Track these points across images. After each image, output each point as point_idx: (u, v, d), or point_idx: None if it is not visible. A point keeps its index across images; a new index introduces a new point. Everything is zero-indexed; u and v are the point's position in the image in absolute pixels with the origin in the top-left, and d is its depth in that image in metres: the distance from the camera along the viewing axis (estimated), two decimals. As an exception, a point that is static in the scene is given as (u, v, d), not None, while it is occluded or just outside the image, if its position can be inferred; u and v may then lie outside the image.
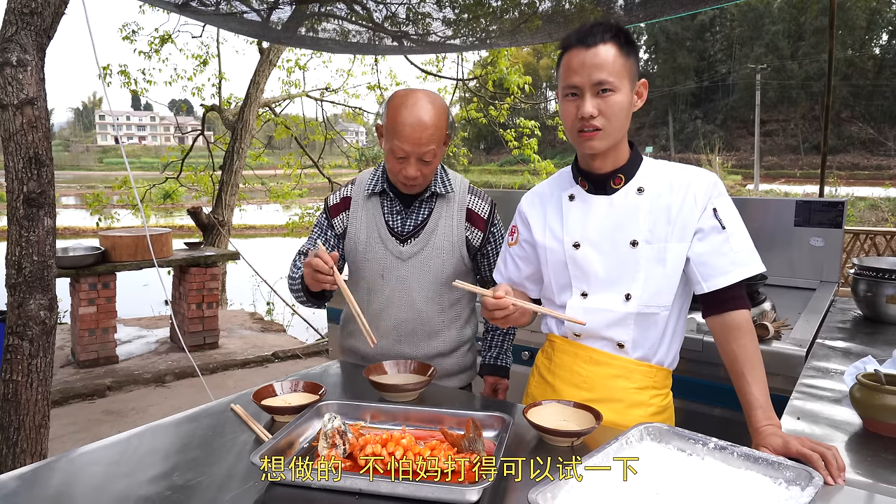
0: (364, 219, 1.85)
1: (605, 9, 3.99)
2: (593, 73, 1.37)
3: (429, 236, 1.83)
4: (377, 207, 1.85)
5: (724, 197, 1.45)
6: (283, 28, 4.35)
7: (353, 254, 1.87)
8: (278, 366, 5.46)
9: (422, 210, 1.84)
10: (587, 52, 1.37)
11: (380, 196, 1.86)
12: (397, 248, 1.82)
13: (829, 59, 4.10)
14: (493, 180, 31.98)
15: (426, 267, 1.82)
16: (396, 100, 1.70)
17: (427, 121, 1.66)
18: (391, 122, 1.68)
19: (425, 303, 1.84)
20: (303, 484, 1.09)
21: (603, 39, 1.37)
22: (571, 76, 1.40)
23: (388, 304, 1.84)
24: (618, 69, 1.37)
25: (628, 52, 1.39)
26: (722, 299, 1.42)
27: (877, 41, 35.12)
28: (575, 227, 1.50)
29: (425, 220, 1.84)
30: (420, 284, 1.83)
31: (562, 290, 1.55)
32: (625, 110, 1.41)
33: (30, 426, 2.65)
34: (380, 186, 1.84)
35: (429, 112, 1.67)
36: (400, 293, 1.83)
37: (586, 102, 1.38)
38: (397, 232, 1.83)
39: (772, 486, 1.04)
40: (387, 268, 1.83)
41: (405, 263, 1.82)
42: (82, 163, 59.68)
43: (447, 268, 1.83)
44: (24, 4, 2.52)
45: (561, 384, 1.56)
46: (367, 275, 1.86)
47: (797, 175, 30.92)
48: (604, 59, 1.37)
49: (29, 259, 2.59)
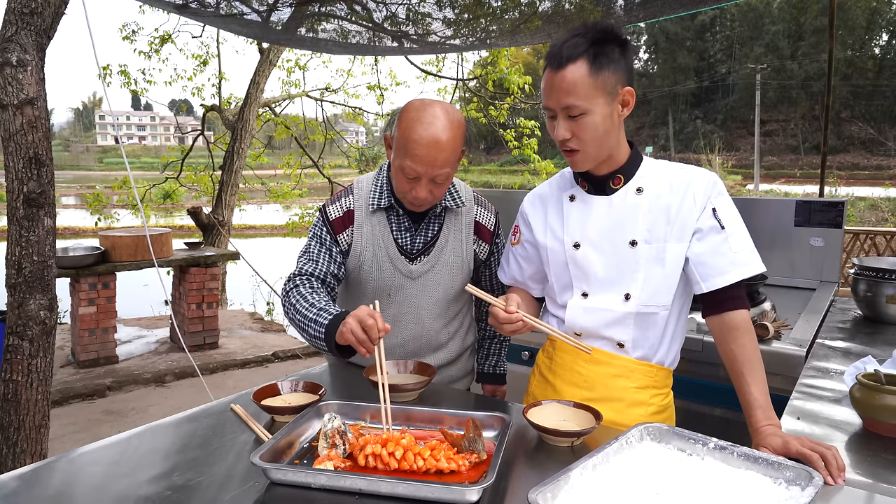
0: (370, 236, 1.71)
1: (605, 9, 3.99)
2: (561, 98, 1.35)
3: (439, 254, 1.74)
4: (384, 224, 1.71)
5: (723, 197, 1.45)
6: (283, 28, 4.35)
7: (358, 271, 1.74)
8: (278, 366, 5.46)
9: (431, 226, 1.74)
10: (556, 75, 1.35)
11: (386, 211, 1.72)
12: (407, 267, 1.72)
13: (829, 59, 4.10)
14: (493, 180, 31.99)
15: (436, 285, 1.75)
16: (412, 113, 1.54)
17: (444, 141, 1.50)
18: (404, 138, 1.52)
19: (432, 319, 1.77)
20: (303, 484, 1.09)
21: (571, 59, 1.33)
22: (545, 98, 1.40)
23: (394, 323, 1.73)
24: (586, 90, 1.33)
25: (602, 66, 1.33)
26: (721, 299, 1.42)
27: (877, 41, 35.13)
28: (575, 228, 1.50)
29: (435, 237, 1.74)
30: (428, 302, 1.75)
31: (563, 290, 1.56)
32: (601, 129, 1.37)
33: (30, 426, 2.65)
34: (386, 201, 1.69)
35: (446, 131, 1.51)
36: (407, 311, 1.75)
37: (559, 126, 1.39)
38: (406, 250, 1.72)
39: (772, 486, 1.04)
40: (394, 287, 1.73)
41: (414, 282, 1.73)
42: (82, 163, 59.69)
43: (456, 284, 1.76)
44: (24, 4, 2.52)
45: (561, 383, 1.57)
46: (372, 292, 1.74)
47: (797, 175, 30.93)
48: (570, 82, 1.33)
49: (29, 259, 2.59)
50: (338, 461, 1.17)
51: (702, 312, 1.48)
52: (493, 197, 3.44)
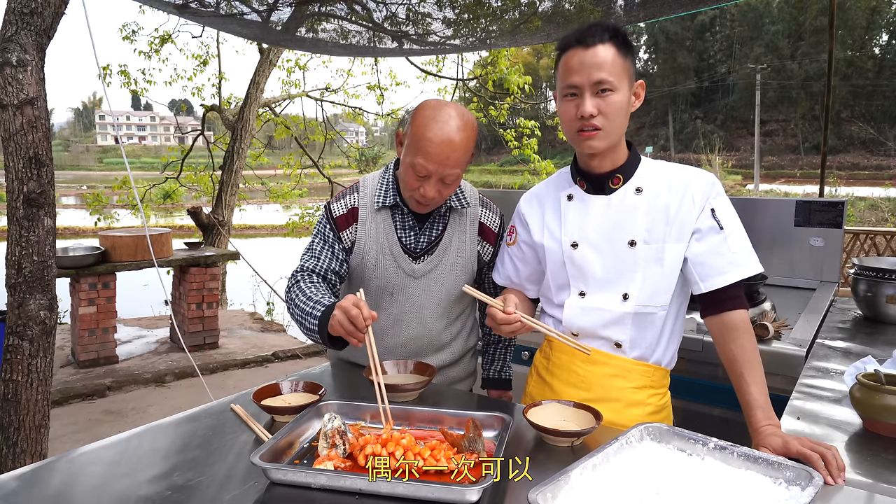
0: (374, 234, 1.72)
1: (604, 9, 3.99)
2: (593, 73, 1.37)
3: (443, 253, 1.74)
4: (388, 222, 1.72)
5: (721, 197, 1.45)
6: (282, 29, 4.35)
7: (361, 269, 1.75)
8: (278, 366, 5.46)
9: (436, 226, 1.74)
10: (586, 51, 1.38)
11: (391, 210, 1.73)
12: (410, 266, 1.72)
13: (829, 59, 4.10)
14: (493, 180, 32.01)
15: (439, 285, 1.75)
16: (427, 111, 1.55)
17: (457, 141, 1.52)
18: (417, 135, 1.53)
19: (435, 320, 1.77)
20: (303, 484, 1.09)
21: (602, 40, 1.37)
22: (571, 76, 1.40)
23: (396, 322, 1.75)
24: (617, 69, 1.38)
25: (626, 53, 1.40)
26: (720, 299, 1.42)
27: (877, 41, 35.14)
28: (573, 227, 1.50)
29: (439, 237, 1.74)
30: (431, 302, 1.76)
31: (560, 290, 1.56)
32: (623, 110, 1.41)
33: (30, 426, 2.65)
34: (391, 199, 1.70)
35: (460, 132, 1.53)
36: (410, 310, 1.75)
37: (586, 102, 1.39)
38: (410, 249, 1.72)
39: (772, 486, 1.04)
40: (397, 286, 1.73)
41: (417, 281, 1.74)
42: (82, 163, 59.70)
43: (459, 284, 1.75)
44: (24, 4, 2.53)
45: (559, 384, 1.57)
46: (375, 290, 1.75)
47: (797, 175, 30.94)
48: (603, 58, 1.37)
49: (29, 259, 2.59)
50: (338, 461, 1.17)
51: (700, 313, 1.48)
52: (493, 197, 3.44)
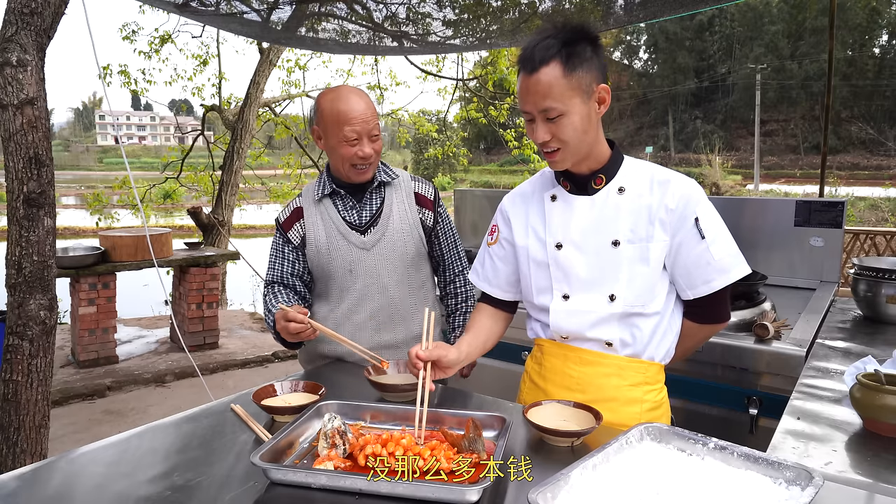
0: (320, 221, 1.90)
1: (604, 9, 3.99)
2: (538, 102, 1.34)
3: (386, 222, 1.91)
4: (331, 207, 1.91)
5: (703, 204, 1.43)
6: (283, 28, 4.35)
7: (317, 257, 1.90)
8: (278, 366, 5.46)
9: (374, 199, 1.92)
10: (529, 78, 1.34)
11: (330, 197, 1.92)
12: (360, 239, 1.88)
13: (829, 59, 4.10)
14: (493, 180, 32.00)
15: (391, 252, 1.90)
16: (328, 96, 1.81)
17: (364, 102, 1.80)
18: (333, 115, 1.77)
19: (397, 287, 1.92)
20: (303, 484, 1.09)
21: (543, 61, 1.31)
22: (522, 102, 1.39)
23: (362, 297, 1.89)
24: (562, 91, 1.32)
25: (575, 66, 1.32)
26: (705, 305, 1.48)
27: (877, 41, 35.14)
28: (557, 228, 1.49)
29: (380, 208, 1.92)
30: (388, 270, 1.90)
31: (541, 293, 1.53)
32: (580, 128, 1.37)
33: (30, 426, 2.65)
34: (328, 188, 1.90)
35: (361, 95, 1.82)
36: (371, 282, 1.89)
37: (538, 129, 1.38)
38: (356, 225, 1.90)
39: (772, 486, 1.04)
40: (354, 261, 1.88)
41: (370, 253, 1.89)
42: (82, 163, 59.69)
43: (409, 249, 1.92)
44: (24, 4, 2.52)
45: (553, 388, 1.55)
46: (336, 273, 1.90)
47: (797, 175, 30.92)
48: (546, 85, 1.32)
49: (29, 259, 2.59)
50: (338, 461, 1.17)
51: (684, 311, 1.51)
52: (493, 197, 3.43)
